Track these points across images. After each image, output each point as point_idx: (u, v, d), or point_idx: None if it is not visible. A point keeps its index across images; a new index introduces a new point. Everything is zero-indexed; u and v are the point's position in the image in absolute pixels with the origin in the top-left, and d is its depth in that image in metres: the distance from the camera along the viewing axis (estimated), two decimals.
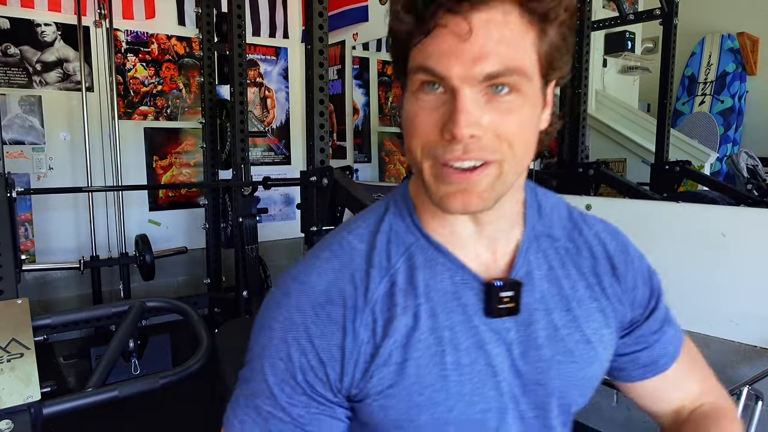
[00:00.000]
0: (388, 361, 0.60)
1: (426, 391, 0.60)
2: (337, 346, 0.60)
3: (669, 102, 2.58)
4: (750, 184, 2.30)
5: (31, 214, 3.50)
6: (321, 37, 2.34)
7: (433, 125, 0.55)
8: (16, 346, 1.06)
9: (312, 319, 0.61)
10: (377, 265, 0.63)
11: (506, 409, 0.64)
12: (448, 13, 0.52)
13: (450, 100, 0.54)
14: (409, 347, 0.60)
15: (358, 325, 0.61)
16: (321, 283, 0.62)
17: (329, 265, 0.63)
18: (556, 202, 0.73)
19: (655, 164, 2.63)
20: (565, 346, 0.66)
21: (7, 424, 1.00)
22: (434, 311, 0.62)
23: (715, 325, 1.95)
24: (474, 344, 0.62)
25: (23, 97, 3.43)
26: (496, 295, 0.62)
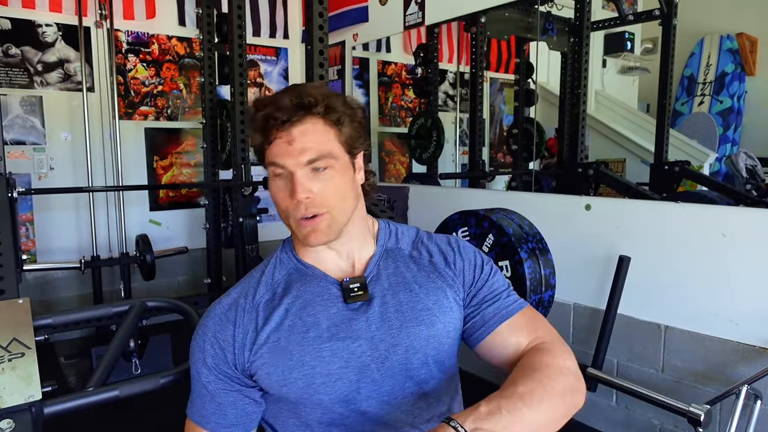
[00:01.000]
0: (266, 341, 0.91)
1: (294, 356, 0.89)
2: (231, 336, 0.92)
3: (668, 102, 2.58)
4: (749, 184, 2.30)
5: (32, 214, 3.51)
6: (321, 37, 2.34)
7: (287, 196, 0.90)
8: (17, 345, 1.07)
9: (217, 322, 0.94)
10: (263, 282, 0.98)
11: (367, 366, 0.90)
12: (280, 130, 0.88)
13: (291, 180, 0.88)
14: (281, 329, 0.91)
15: (246, 321, 0.93)
16: (227, 300, 0.97)
17: (235, 289, 0.99)
18: (407, 230, 1.07)
19: (654, 164, 2.63)
20: (411, 315, 0.95)
21: (8, 424, 1.00)
22: (301, 306, 0.93)
23: (714, 325, 1.95)
24: (333, 324, 0.92)
25: (24, 97, 3.44)
26: (348, 287, 0.95)
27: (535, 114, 3.37)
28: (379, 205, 2.16)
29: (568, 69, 2.91)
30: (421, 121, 3.67)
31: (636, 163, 2.94)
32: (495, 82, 3.92)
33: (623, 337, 2.20)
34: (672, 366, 2.08)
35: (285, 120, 0.86)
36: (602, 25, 2.99)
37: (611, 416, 2.31)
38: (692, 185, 2.63)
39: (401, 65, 4.18)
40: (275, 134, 0.88)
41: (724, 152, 2.73)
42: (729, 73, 2.82)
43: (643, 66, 3.23)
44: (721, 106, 2.83)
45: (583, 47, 2.71)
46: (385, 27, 3.61)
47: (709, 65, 2.90)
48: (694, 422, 1.65)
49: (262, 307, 0.94)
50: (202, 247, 3.97)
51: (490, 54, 3.65)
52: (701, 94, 2.93)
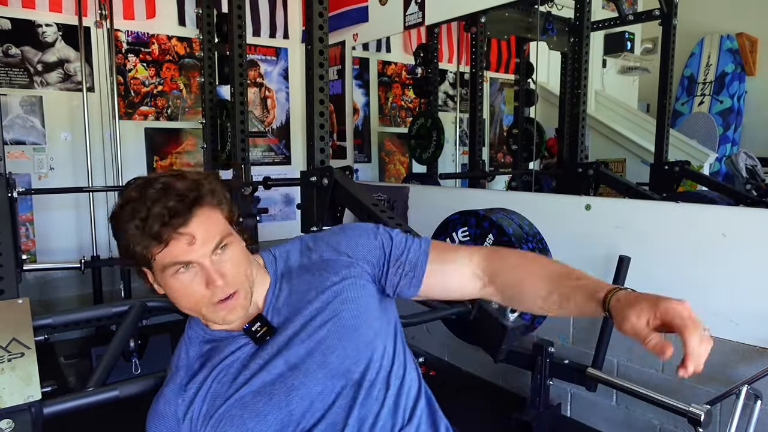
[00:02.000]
0: (200, 417, 0.94)
1: (234, 421, 0.91)
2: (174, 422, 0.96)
3: (668, 102, 2.58)
4: (749, 184, 2.30)
5: (32, 214, 3.51)
6: (321, 37, 2.34)
7: (200, 286, 0.89)
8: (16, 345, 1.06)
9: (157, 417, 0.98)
10: (182, 366, 0.99)
11: (293, 389, 0.92)
12: (177, 231, 0.85)
13: (201, 270, 0.89)
14: (211, 404, 0.94)
15: (179, 404, 0.96)
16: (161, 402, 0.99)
17: (166, 382, 1.00)
18: (291, 245, 1.08)
19: (654, 164, 2.63)
20: (320, 322, 0.95)
21: (8, 424, 1.00)
22: (222, 373, 0.95)
23: (714, 325, 1.94)
24: (254, 373, 0.93)
25: (24, 97, 3.44)
26: (250, 331, 0.96)
27: (535, 114, 3.37)
28: (378, 205, 2.15)
29: (568, 69, 2.91)
30: (421, 121, 3.67)
31: (636, 163, 2.94)
32: (495, 82, 3.91)
33: (623, 337, 2.19)
34: (672, 366, 2.08)
35: (183, 220, 0.85)
36: (602, 25, 2.99)
37: (611, 416, 2.31)
38: (692, 185, 2.63)
39: (401, 65, 4.18)
40: (172, 236, 0.85)
41: (724, 152, 2.73)
42: (729, 73, 2.82)
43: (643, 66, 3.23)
44: (721, 106, 2.83)
45: (583, 47, 2.71)
46: (385, 27, 3.61)
47: (709, 65, 2.90)
48: (694, 422, 1.65)
49: (184, 389, 0.97)
50: None
51: (490, 54, 3.64)
52: (701, 94, 2.93)
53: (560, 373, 2.17)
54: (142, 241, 0.85)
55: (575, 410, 2.44)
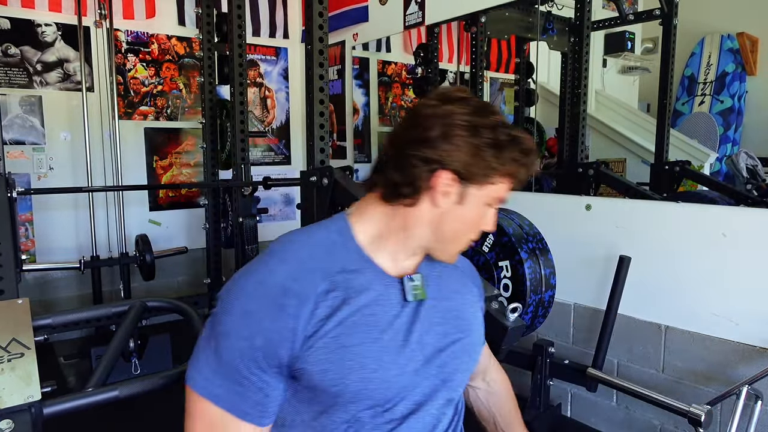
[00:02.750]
0: (324, 336, 0.81)
1: (355, 358, 0.82)
2: (285, 329, 0.80)
3: (669, 102, 2.58)
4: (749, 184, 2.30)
5: (31, 214, 3.50)
6: (321, 37, 2.34)
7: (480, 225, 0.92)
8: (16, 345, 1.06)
9: (266, 307, 0.80)
10: (317, 269, 0.84)
11: (417, 371, 0.88)
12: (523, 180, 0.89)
13: (491, 212, 0.91)
14: (343, 325, 0.82)
15: (303, 311, 0.80)
16: (274, 280, 0.82)
17: (280, 267, 0.84)
18: None
19: (654, 164, 2.62)
20: (455, 323, 0.95)
21: (8, 424, 1.00)
22: (363, 303, 0.84)
23: (715, 325, 1.95)
24: (391, 326, 0.86)
25: (24, 97, 3.44)
26: (410, 285, 0.90)
27: (535, 114, 3.37)
28: None
29: (569, 69, 2.91)
30: None
31: (636, 163, 2.94)
32: (495, 82, 3.91)
33: (623, 337, 2.20)
34: (672, 366, 2.08)
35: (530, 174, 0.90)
36: (602, 24, 2.99)
37: (611, 416, 2.31)
38: (693, 185, 2.63)
39: (401, 65, 4.18)
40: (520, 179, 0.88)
41: (725, 152, 2.73)
42: (729, 72, 2.82)
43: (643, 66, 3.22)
44: (721, 106, 2.83)
45: (583, 47, 2.71)
46: (385, 27, 3.61)
47: (710, 65, 2.90)
48: (694, 423, 1.65)
49: (321, 298, 0.82)
50: (202, 247, 3.96)
51: (490, 54, 3.64)
52: (702, 94, 2.93)
53: (560, 373, 2.17)
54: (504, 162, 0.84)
55: (575, 410, 2.44)
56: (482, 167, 0.83)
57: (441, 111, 0.83)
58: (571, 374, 2.14)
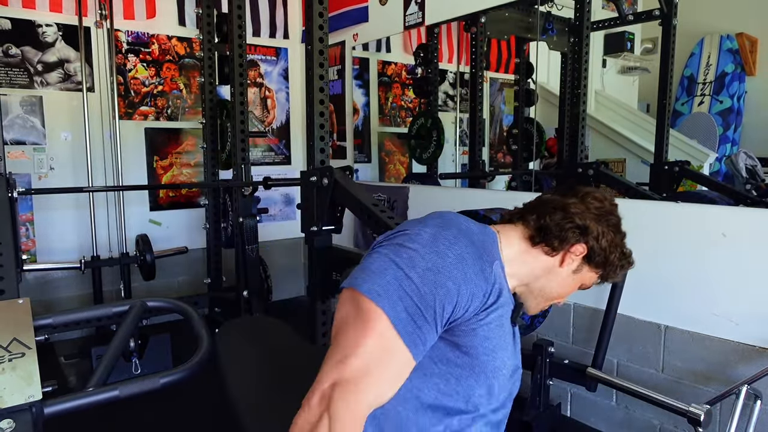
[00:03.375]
0: (489, 323, 0.93)
1: (491, 362, 0.95)
2: (480, 290, 0.91)
3: (668, 102, 2.58)
4: (749, 184, 2.29)
5: (32, 214, 3.51)
6: (321, 37, 2.34)
7: (569, 290, 1.12)
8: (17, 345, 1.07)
9: (473, 265, 0.91)
10: (485, 270, 0.93)
11: (508, 385, 1.02)
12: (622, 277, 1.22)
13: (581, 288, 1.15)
14: (494, 324, 0.94)
15: (485, 289, 0.91)
16: (476, 248, 0.94)
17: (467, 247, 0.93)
18: None
19: (654, 164, 2.62)
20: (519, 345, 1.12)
21: (9, 424, 1.00)
22: (502, 313, 0.97)
23: (714, 325, 1.95)
24: (506, 344, 1.00)
25: (24, 97, 3.44)
26: (519, 310, 1.06)
27: (535, 114, 3.37)
28: (379, 205, 2.15)
29: (568, 69, 2.91)
30: (421, 121, 3.67)
31: (636, 163, 2.94)
32: (495, 82, 3.91)
33: (623, 337, 2.20)
34: (672, 366, 2.08)
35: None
36: (602, 25, 2.99)
37: (611, 416, 2.31)
38: (692, 185, 2.62)
39: (401, 65, 4.18)
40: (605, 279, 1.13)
41: (724, 152, 2.72)
42: (729, 73, 2.82)
43: (643, 66, 3.22)
44: (721, 106, 2.82)
45: (583, 47, 2.71)
46: (385, 27, 3.61)
47: (709, 65, 2.90)
48: (693, 422, 1.65)
49: (496, 287, 0.95)
50: (202, 247, 3.97)
51: (490, 54, 3.64)
52: (701, 94, 2.92)
53: (560, 373, 2.18)
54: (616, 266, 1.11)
55: (575, 410, 2.44)
56: (603, 257, 1.06)
57: (606, 207, 1.08)
58: (571, 374, 2.15)
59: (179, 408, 2.62)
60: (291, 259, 4.47)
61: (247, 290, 3.19)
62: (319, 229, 2.37)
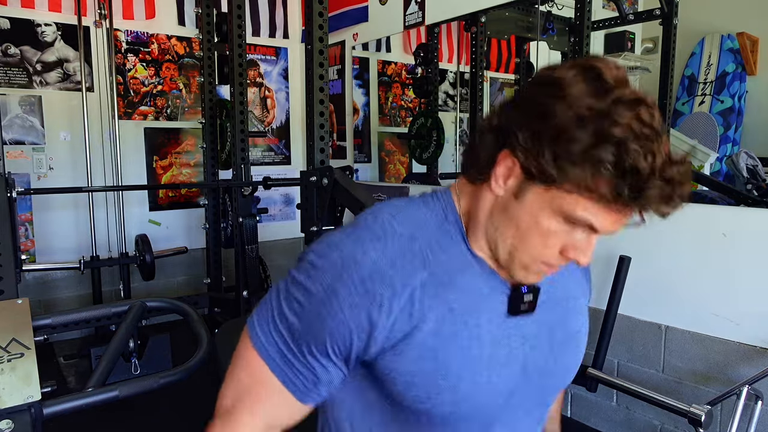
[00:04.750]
0: (422, 345, 0.68)
1: (450, 378, 0.69)
2: (369, 319, 0.66)
3: (669, 102, 2.58)
4: (750, 184, 2.29)
5: (31, 214, 3.50)
6: (321, 37, 2.34)
7: (559, 246, 0.67)
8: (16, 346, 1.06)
9: (352, 291, 0.66)
10: (419, 254, 0.70)
11: (514, 391, 0.75)
12: (642, 210, 0.63)
13: (587, 237, 0.66)
14: (442, 337, 0.69)
15: (394, 305, 0.67)
16: (366, 261, 0.67)
17: (373, 246, 0.69)
18: None
19: None
20: (562, 337, 0.80)
21: (8, 424, 1.00)
22: (467, 308, 0.71)
23: (715, 325, 1.95)
24: (494, 340, 0.73)
25: (23, 97, 3.44)
26: (521, 298, 0.74)
27: None
28: None
29: None
30: (421, 121, 3.67)
31: None
32: (495, 82, 3.91)
33: (624, 337, 2.20)
34: (672, 366, 2.08)
35: (666, 210, 0.64)
36: (602, 24, 2.99)
37: (612, 416, 2.31)
38: (693, 185, 2.62)
39: (401, 65, 4.18)
40: (630, 208, 0.62)
41: (725, 152, 2.72)
42: (730, 72, 2.82)
43: (643, 66, 3.22)
44: (721, 106, 2.82)
45: (583, 47, 2.71)
46: (385, 27, 3.61)
47: (710, 65, 2.90)
48: (694, 423, 1.65)
49: (419, 292, 0.68)
50: (202, 247, 3.97)
51: (490, 54, 3.64)
52: (702, 94, 2.92)
53: None
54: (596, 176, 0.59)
55: (575, 410, 2.44)
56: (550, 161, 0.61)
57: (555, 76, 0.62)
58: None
59: (179, 408, 2.62)
60: (291, 259, 4.46)
61: (246, 290, 3.19)
62: (319, 229, 2.37)
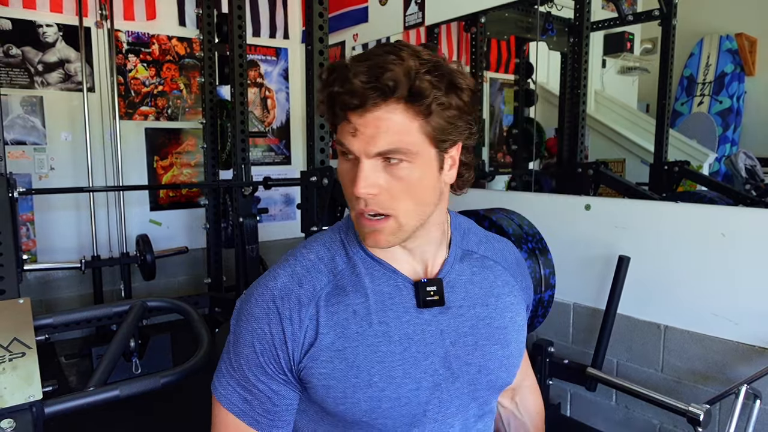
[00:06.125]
0: (329, 348, 0.76)
1: (361, 374, 0.76)
2: (283, 333, 0.76)
3: (668, 102, 2.59)
4: (748, 184, 2.30)
5: (32, 214, 3.51)
6: (321, 37, 2.34)
7: (349, 183, 0.74)
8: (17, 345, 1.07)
9: (266, 311, 0.77)
10: (324, 271, 0.80)
11: (438, 385, 0.80)
12: (349, 113, 0.71)
13: (356, 166, 0.73)
14: (348, 338, 0.76)
15: (302, 316, 0.76)
16: (276, 284, 0.79)
17: (284, 272, 0.80)
18: (472, 225, 0.95)
19: (654, 164, 2.63)
20: (487, 333, 0.85)
21: (9, 423, 1.01)
22: (371, 309, 0.78)
23: (714, 325, 1.96)
24: (405, 335, 0.79)
25: (25, 97, 3.45)
26: (424, 289, 0.80)
27: (535, 114, 3.37)
28: None
29: (568, 69, 2.91)
30: None
31: (636, 163, 2.94)
32: (495, 82, 3.91)
33: (623, 337, 2.21)
34: (671, 366, 2.09)
35: (355, 105, 0.69)
36: (602, 25, 2.99)
37: (611, 416, 2.31)
38: (692, 185, 2.63)
39: None
40: (342, 116, 0.72)
41: (724, 152, 2.73)
42: (728, 73, 2.82)
43: (642, 66, 3.23)
44: (720, 106, 2.83)
45: (582, 47, 2.71)
46: (385, 27, 3.61)
47: (709, 65, 2.90)
48: (693, 422, 1.65)
49: (323, 302, 0.77)
50: (202, 247, 3.97)
51: (490, 54, 3.64)
52: (701, 94, 2.93)
53: (560, 372, 2.18)
54: (322, 105, 0.75)
55: (575, 410, 2.44)
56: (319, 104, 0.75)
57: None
58: (571, 374, 2.15)
59: (179, 408, 2.62)
60: None
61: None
62: (319, 229, 2.38)
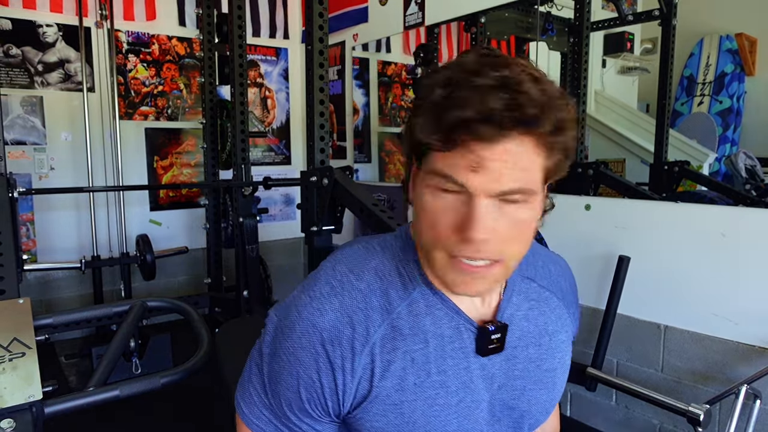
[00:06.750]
0: (385, 401, 0.69)
1: (417, 430, 0.69)
2: (335, 383, 0.68)
3: (668, 102, 2.58)
4: (748, 184, 2.30)
5: (32, 214, 3.51)
6: (321, 37, 2.34)
7: (450, 224, 0.62)
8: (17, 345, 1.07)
9: (314, 357, 0.68)
10: (378, 308, 0.70)
11: (480, 431, 0.74)
12: (474, 143, 0.58)
13: (467, 204, 0.60)
14: (405, 390, 0.69)
15: (356, 365, 0.68)
16: (323, 324, 0.68)
17: (330, 305, 0.69)
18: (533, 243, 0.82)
19: (654, 164, 2.63)
20: (536, 376, 0.78)
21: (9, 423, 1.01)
22: (430, 357, 0.70)
23: (714, 325, 1.96)
24: (462, 384, 0.71)
25: (25, 97, 3.44)
26: (488, 337, 0.71)
27: None
28: (378, 205, 2.16)
29: (568, 69, 2.91)
30: None
31: (636, 163, 2.94)
32: None
33: (623, 336, 2.21)
34: (671, 366, 2.09)
35: (490, 135, 0.57)
36: (602, 25, 2.99)
37: (611, 416, 2.31)
38: (692, 185, 2.63)
39: (401, 65, 4.18)
40: (463, 144, 0.58)
41: (724, 152, 2.73)
42: (728, 73, 2.82)
43: (642, 66, 3.23)
44: (720, 106, 2.83)
45: (582, 47, 2.71)
46: (385, 27, 3.62)
47: (709, 65, 2.90)
48: (693, 422, 1.65)
49: (378, 348, 0.68)
50: (202, 247, 3.97)
51: None
52: (701, 94, 2.93)
53: None
54: (425, 121, 0.61)
55: (575, 410, 2.44)
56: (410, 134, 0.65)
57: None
58: (571, 374, 2.14)
59: (179, 408, 2.63)
60: (291, 259, 4.47)
61: (247, 290, 3.19)
62: (319, 229, 2.38)
